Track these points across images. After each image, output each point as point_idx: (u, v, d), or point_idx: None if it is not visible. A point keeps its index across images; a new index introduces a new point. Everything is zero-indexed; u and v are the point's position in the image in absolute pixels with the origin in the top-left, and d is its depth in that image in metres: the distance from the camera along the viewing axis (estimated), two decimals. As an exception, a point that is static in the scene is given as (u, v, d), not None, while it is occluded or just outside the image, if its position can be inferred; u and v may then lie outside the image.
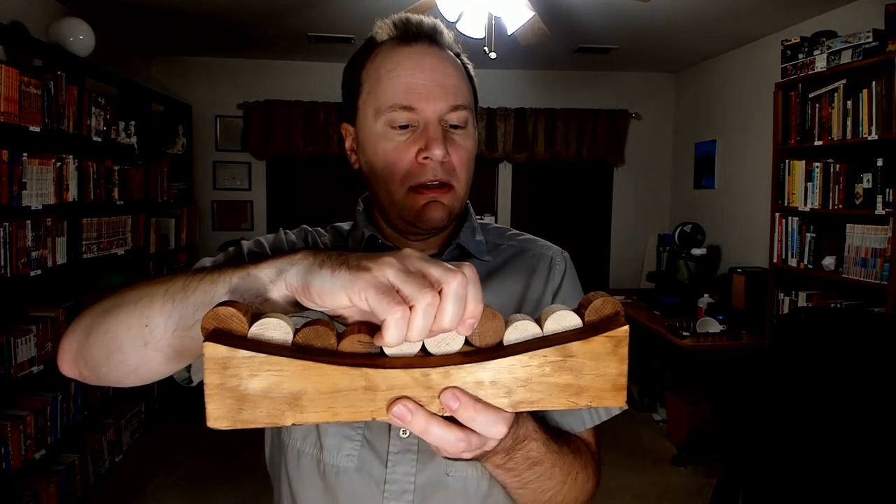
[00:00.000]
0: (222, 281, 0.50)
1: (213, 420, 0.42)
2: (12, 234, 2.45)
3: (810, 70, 3.10)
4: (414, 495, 0.72)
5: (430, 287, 0.41)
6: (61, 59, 2.93)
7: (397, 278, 0.42)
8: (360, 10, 3.52)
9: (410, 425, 0.44)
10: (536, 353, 0.44)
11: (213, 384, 0.42)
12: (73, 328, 0.61)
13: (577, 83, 5.12)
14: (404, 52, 0.75)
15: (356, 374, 0.42)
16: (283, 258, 0.48)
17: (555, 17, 3.45)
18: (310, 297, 0.45)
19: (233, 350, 0.41)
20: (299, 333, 0.44)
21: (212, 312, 0.43)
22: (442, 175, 0.73)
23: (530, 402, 0.45)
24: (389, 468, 0.73)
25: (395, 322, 0.40)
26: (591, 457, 0.76)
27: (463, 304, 0.42)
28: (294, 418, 0.43)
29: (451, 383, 0.44)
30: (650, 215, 5.30)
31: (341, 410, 0.43)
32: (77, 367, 0.60)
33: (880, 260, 2.68)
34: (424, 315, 0.40)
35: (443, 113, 0.74)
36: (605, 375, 0.45)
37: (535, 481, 0.64)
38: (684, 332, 3.54)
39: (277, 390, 0.42)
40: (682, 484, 3.27)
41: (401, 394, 0.43)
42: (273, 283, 0.48)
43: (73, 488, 2.91)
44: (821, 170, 3.05)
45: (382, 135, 0.75)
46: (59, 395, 2.78)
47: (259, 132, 4.83)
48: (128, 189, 3.52)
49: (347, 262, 0.44)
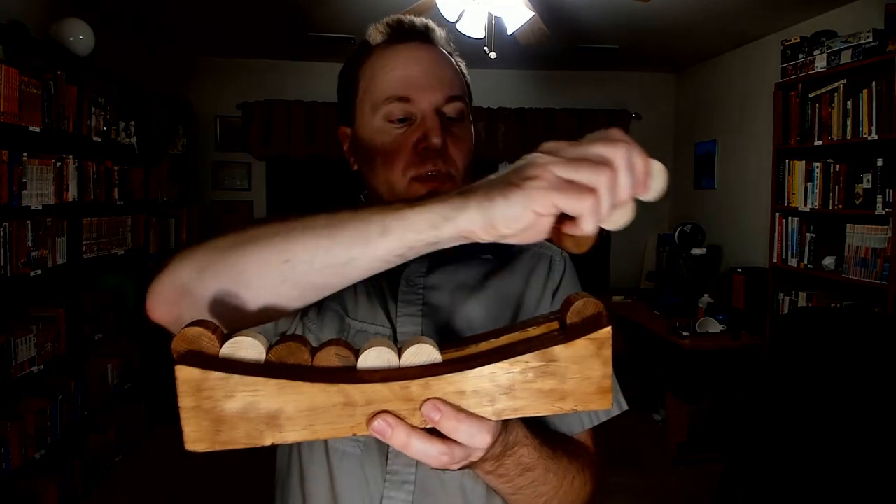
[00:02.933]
0: (375, 220, 0.47)
1: (190, 443, 0.41)
2: (12, 234, 2.45)
3: (810, 70, 3.10)
4: (415, 486, 0.73)
5: (602, 167, 0.41)
6: (61, 59, 2.93)
7: (568, 171, 0.42)
8: (360, 10, 3.52)
9: (391, 440, 0.43)
10: (518, 360, 0.43)
11: (188, 407, 0.41)
12: (175, 266, 0.55)
13: (577, 83, 5.11)
14: (398, 48, 0.77)
15: (333, 390, 0.42)
16: (440, 204, 0.46)
17: (555, 17, 3.44)
18: (496, 231, 0.44)
19: (206, 372, 0.40)
20: (272, 351, 0.43)
21: (180, 334, 0.42)
22: (442, 166, 0.74)
23: (514, 410, 0.44)
24: (391, 459, 0.73)
25: (590, 212, 0.41)
26: (589, 459, 0.75)
27: (633, 169, 0.42)
28: (273, 438, 0.42)
29: (431, 394, 0.43)
30: (650, 215, 5.30)
31: (321, 428, 0.42)
32: (179, 308, 0.54)
33: (880, 260, 2.68)
34: (610, 194, 0.41)
35: (439, 103, 0.74)
36: (590, 379, 0.44)
37: (529, 487, 0.64)
38: (684, 332, 3.54)
39: (254, 410, 0.41)
40: (682, 484, 3.27)
41: (380, 408, 0.43)
42: (437, 228, 0.45)
43: (73, 488, 2.91)
44: (821, 170, 3.05)
45: (380, 129, 0.75)
46: (60, 395, 2.78)
47: (259, 132, 4.83)
48: (128, 189, 3.52)
49: (512, 182, 0.43)
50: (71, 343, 2.88)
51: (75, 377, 2.93)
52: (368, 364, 0.43)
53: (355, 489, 0.73)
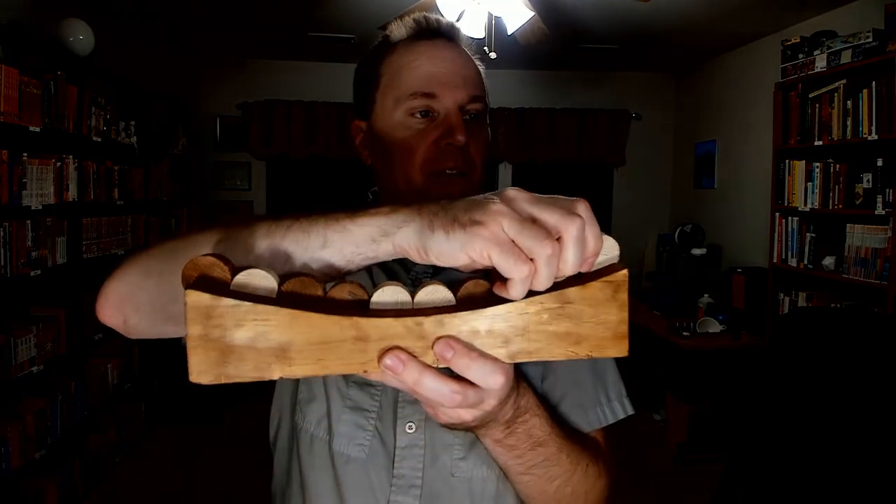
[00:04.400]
0: (315, 232, 0.47)
1: (195, 374, 0.40)
2: (12, 234, 2.45)
3: (810, 70, 3.10)
4: (421, 490, 0.72)
5: (549, 237, 0.40)
6: (61, 59, 2.93)
7: (513, 230, 0.40)
8: (360, 10, 3.52)
9: (403, 376, 0.42)
10: (533, 300, 0.42)
11: (196, 335, 0.39)
12: (122, 270, 0.56)
13: (577, 83, 5.11)
14: (425, 45, 0.77)
15: (346, 323, 0.40)
16: (383, 217, 0.45)
17: (555, 17, 3.44)
18: (426, 258, 0.43)
19: (217, 298, 0.39)
20: (285, 284, 0.42)
21: (192, 262, 0.41)
22: (461, 164, 0.74)
23: (528, 353, 0.43)
24: (397, 462, 0.72)
25: (521, 280, 0.40)
26: (601, 454, 0.74)
27: (583, 247, 0.41)
28: (282, 371, 0.41)
29: (445, 332, 0.42)
30: (650, 215, 5.30)
31: (331, 363, 0.41)
32: (123, 313, 0.55)
33: (880, 260, 2.68)
34: (548, 266, 0.40)
35: (463, 102, 0.75)
36: (605, 323, 0.43)
37: (540, 466, 0.62)
38: (684, 332, 3.54)
39: (264, 341, 0.40)
40: (682, 484, 3.27)
41: (392, 344, 0.41)
42: (376, 243, 0.45)
43: (73, 488, 2.91)
44: (821, 170, 3.05)
45: (402, 123, 0.76)
46: (59, 395, 2.78)
47: (259, 132, 4.83)
48: (128, 189, 3.52)
49: (458, 219, 0.42)
50: (71, 343, 2.88)
51: (75, 377, 2.93)
52: (382, 300, 0.42)
53: (360, 494, 0.72)
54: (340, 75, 4.75)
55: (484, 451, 0.67)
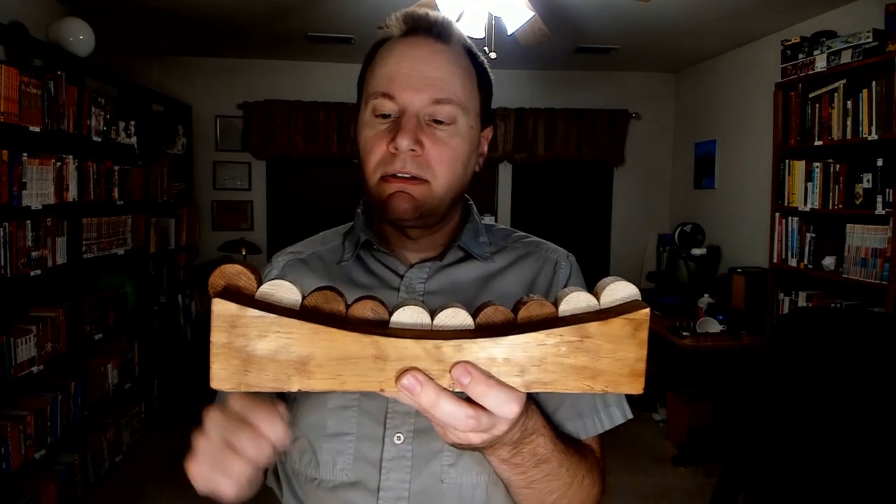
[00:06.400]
0: None
1: (216, 381, 0.41)
2: (12, 234, 2.45)
3: (810, 70, 3.10)
4: (409, 502, 0.71)
5: None
6: (61, 59, 2.93)
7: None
8: (360, 10, 3.52)
9: (419, 398, 0.42)
10: (553, 332, 0.42)
11: (220, 343, 0.41)
12: None
13: (577, 83, 5.11)
14: (403, 43, 0.75)
15: (367, 341, 0.41)
16: None
17: (555, 17, 3.44)
18: None
19: (243, 308, 0.40)
20: (308, 297, 0.43)
21: (219, 270, 0.42)
22: (412, 168, 0.70)
23: (544, 384, 0.43)
24: (384, 475, 0.71)
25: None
26: (597, 463, 0.75)
27: None
28: (301, 384, 0.42)
29: (462, 357, 0.43)
30: (650, 215, 5.30)
31: (349, 379, 0.42)
32: None
33: (880, 260, 2.68)
34: None
35: (423, 104, 0.71)
36: (624, 359, 0.43)
37: (541, 481, 0.62)
38: (684, 332, 3.54)
39: (285, 353, 0.41)
40: (682, 484, 3.27)
41: (410, 365, 0.42)
42: None
43: (73, 488, 2.91)
44: (821, 170, 3.05)
45: (367, 122, 0.74)
46: (59, 395, 2.78)
47: (259, 132, 4.82)
48: (128, 189, 3.52)
49: None
50: (71, 343, 2.88)
51: (75, 377, 2.93)
52: (402, 320, 0.43)
53: None
54: (340, 75, 4.75)
55: (473, 457, 0.67)
